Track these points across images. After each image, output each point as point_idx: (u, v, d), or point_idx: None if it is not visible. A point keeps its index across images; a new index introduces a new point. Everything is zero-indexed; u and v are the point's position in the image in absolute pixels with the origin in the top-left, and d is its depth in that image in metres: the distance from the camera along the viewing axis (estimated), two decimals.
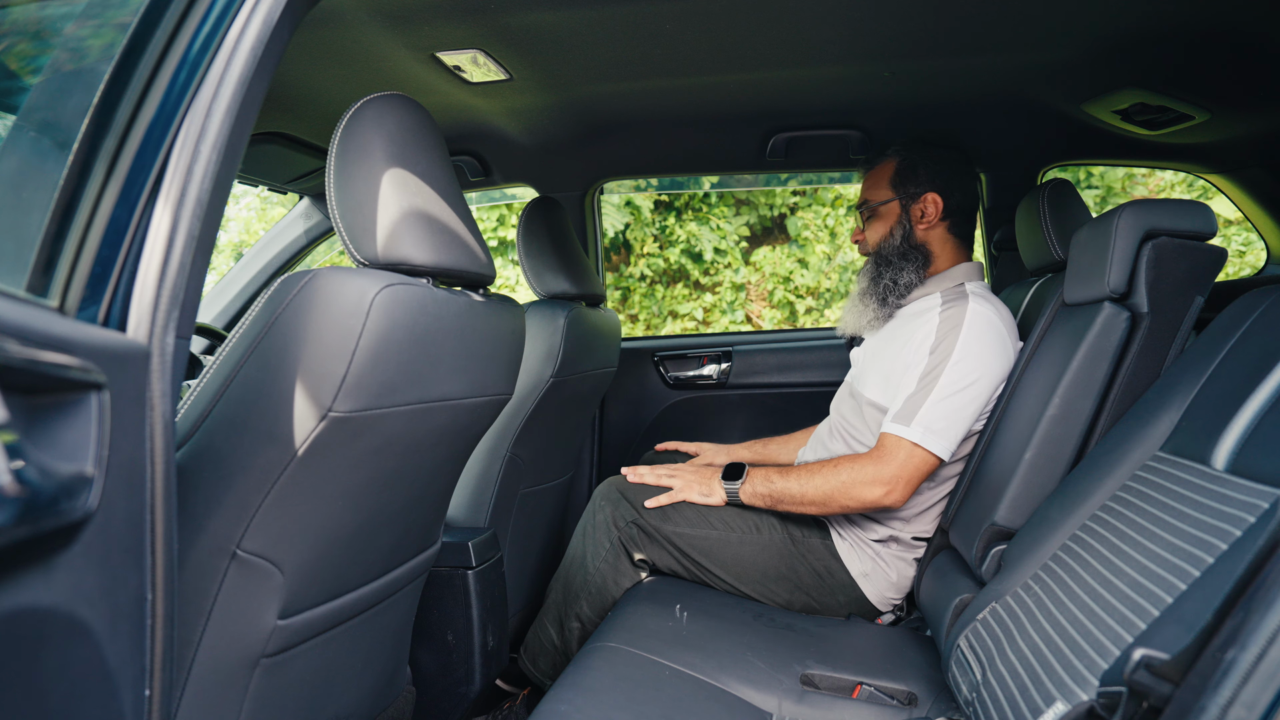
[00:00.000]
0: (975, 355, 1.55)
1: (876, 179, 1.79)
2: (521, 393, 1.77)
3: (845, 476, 1.57)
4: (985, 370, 1.55)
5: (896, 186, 1.75)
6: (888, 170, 1.77)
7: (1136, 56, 1.65)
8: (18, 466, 0.52)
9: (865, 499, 1.55)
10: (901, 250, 1.74)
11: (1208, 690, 0.56)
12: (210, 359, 0.95)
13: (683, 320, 6.58)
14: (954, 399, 1.53)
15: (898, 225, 1.75)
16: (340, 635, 1.14)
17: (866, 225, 1.81)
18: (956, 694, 1.21)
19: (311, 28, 1.46)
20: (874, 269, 1.77)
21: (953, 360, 1.54)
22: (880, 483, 1.54)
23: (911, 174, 1.75)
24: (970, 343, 1.55)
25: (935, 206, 1.73)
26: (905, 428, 1.54)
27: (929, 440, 1.52)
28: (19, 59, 0.93)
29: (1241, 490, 0.88)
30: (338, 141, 1.03)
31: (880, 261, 1.76)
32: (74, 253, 0.69)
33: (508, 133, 2.14)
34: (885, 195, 1.77)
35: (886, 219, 1.76)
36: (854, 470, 1.56)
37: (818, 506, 1.60)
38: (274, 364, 0.91)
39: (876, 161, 1.80)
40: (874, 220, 1.79)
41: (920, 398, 1.55)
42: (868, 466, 1.55)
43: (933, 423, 1.53)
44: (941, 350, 1.57)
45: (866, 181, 1.82)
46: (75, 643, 0.61)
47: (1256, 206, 2.43)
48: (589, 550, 1.73)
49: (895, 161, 1.76)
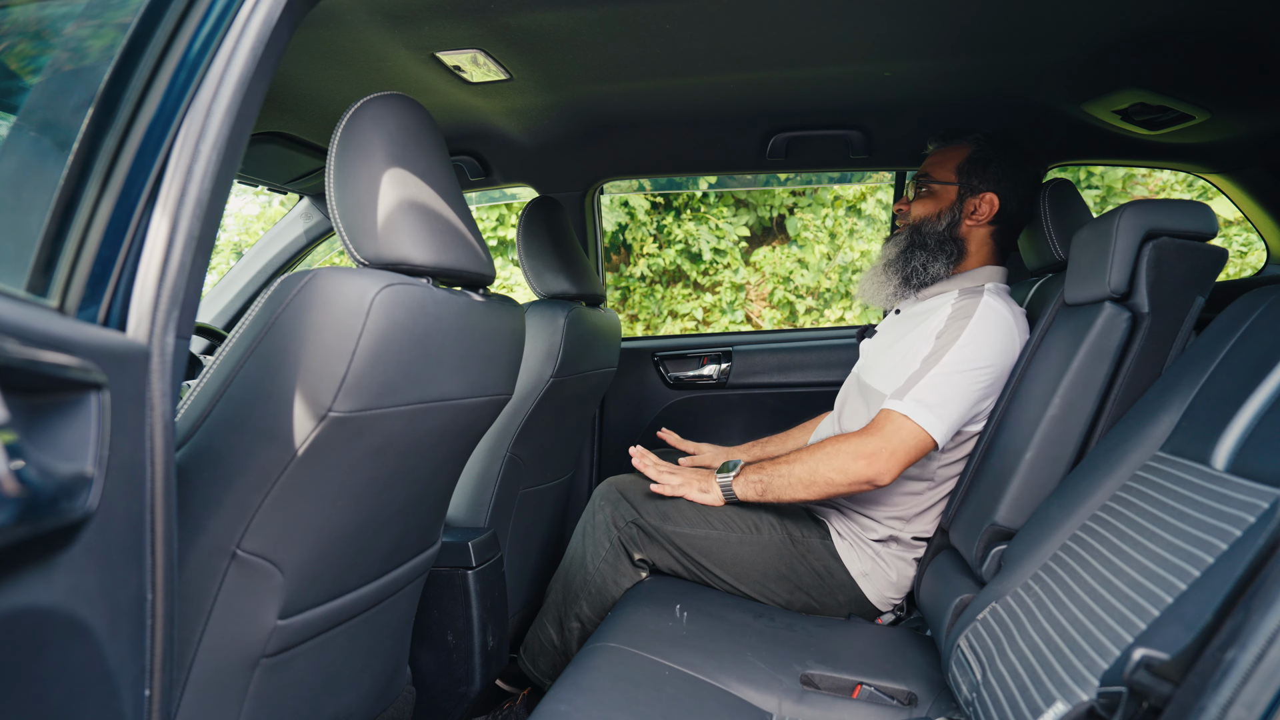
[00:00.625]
0: (980, 343, 1.54)
1: (945, 159, 1.75)
2: (521, 393, 1.77)
3: (829, 450, 1.55)
4: (989, 358, 1.54)
5: (962, 173, 1.72)
6: (959, 155, 1.74)
7: (1136, 56, 1.64)
8: (18, 466, 0.52)
9: (850, 472, 1.51)
10: (941, 237, 1.72)
11: (1208, 690, 0.56)
12: (210, 359, 0.95)
13: (683, 320, 6.58)
14: (952, 379, 1.52)
15: (948, 211, 1.72)
16: (340, 635, 1.14)
17: (917, 197, 1.76)
18: (956, 694, 1.21)
19: (311, 28, 1.46)
20: (907, 244, 1.74)
21: (957, 344, 1.54)
22: (863, 455, 1.51)
23: (981, 167, 1.72)
24: (977, 331, 1.55)
25: (990, 207, 1.71)
26: (898, 401, 1.53)
27: (919, 413, 1.50)
28: (19, 59, 0.93)
29: (1241, 490, 0.88)
30: (338, 141, 1.03)
31: (916, 240, 1.73)
32: (74, 253, 0.69)
33: (508, 133, 2.14)
34: (948, 177, 1.73)
35: (939, 200, 1.73)
36: (839, 445, 1.55)
37: (804, 486, 1.56)
38: (274, 364, 0.91)
39: (952, 141, 1.77)
40: (927, 197, 1.75)
41: (918, 376, 1.54)
42: (853, 439, 1.54)
43: (925, 396, 1.51)
44: (947, 335, 1.57)
45: (934, 157, 1.78)
46: (75, 643, 0.61)
47: (1256, 206, 2.43)
48: (589, 550, 1.73)
49: (969, 149, 1.73)
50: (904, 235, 1.76)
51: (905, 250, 1.73)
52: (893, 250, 1.76)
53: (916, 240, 1.73)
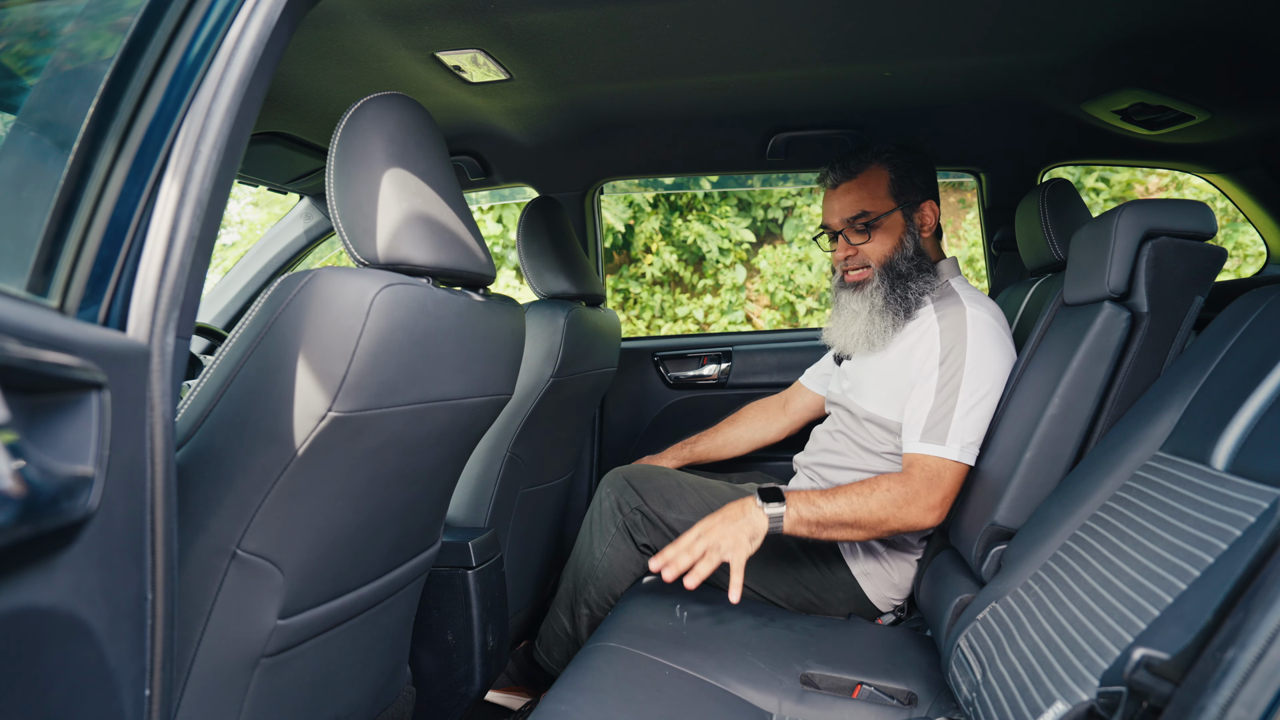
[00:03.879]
0: (986, 362, 1.55)
1: (871, 189, 1.68)
2: (521, 393, 1.77)
3: (894, 499, 1.50)
4: (997, 376, 1.55)
5: (897, 196, 1.68)
6: (882, 179, 1.68)
7: (1136, 56, 1.65)
8: (18, 466, 0.52)
9: (915, 523, 1.51)
10: (915, 261, 1.67)
11: (1208, 690, 0.56)
12: (210, 359, 0.95)
13: (683, 321, 6.58)
14: (976, 410, 1.53)
15: (906, 235, 1.67)
16: (340, 635, 1.14)
17: (868, 239, 1.68)
18: (956, 694, 1.21)
19: (311, 28, 1.46)
20: (887, 285, 1.66)
21: (966, 371, 1.53)
22: (931, 508, 1.50)
23: (909, 182, 1.68)
24: (978, 351, 1.55)
25: (932, 213, 1.70)
26: (942, 447, 1.51)
27: (966, 455, 1.51)
28: (19, 59, 0.93)
29: (1241, 490, 0.88)
30: (338, 141, 1.03)
31: (894, 276, 1.66)
32: (74, 252, 0.69)
33: (508, 133, 2.14)
34: (887, 205, 1.67)
35: (892, 231, 1.67)
36: (902, 493, 1.50)
37: (867, 530, 1.51)
38: (274, 364, 0.91)
39: (859, 170, 1.69)
40: (877, 233, 1.68)
41: (945, 412, 1.53)
42: (918, 491, 1.50)
43: (965, 436, 1.51)
44: (952, 361, 1.55)
45: (854, 193, 1.68)
46: (75, 643, 0.62)
47: (1256, 206, 2.44)
48: (595, 537, 1.75)
49: (888, 170, 1.68)
50: (880, 279, 1.67)
51: (889, 291, 1.66)
52: (876, 298, 1.66)
53: (894, 277, 1.66)
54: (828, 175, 1.74)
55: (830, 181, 1.73)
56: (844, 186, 1.70)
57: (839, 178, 1.71)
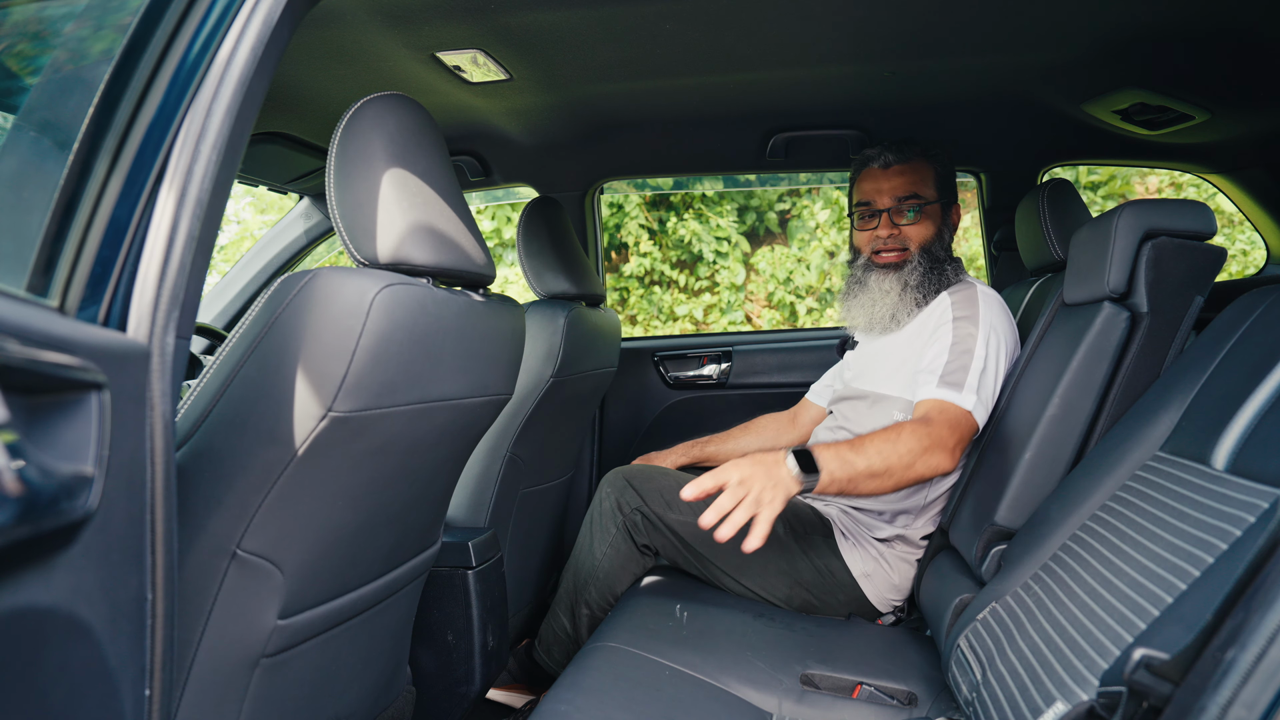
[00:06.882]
0: (998, 330, 1.59)
1: (920, 176, 1.73)
2: (521, 393, 1.77)
3: (920, 442, 1.40)
4: (1007, 346, 1.59)
5: (940, 190, 1.74)
6: (929, 171, 1.74)
7: (1136, 56, 1.65)
8: (18, 466, 0.52)
9: (938, 467, 1.42)
10: (945, 253, 1.74)
11: (1208, 690, 0.56)
12: (210, 359, 0.95)
13: (682, 321, 6.58)
14: (989, 370, 1.54)
15: (944, 228, 1.75)
16: (340, 635, 1.14)
17: (914, 221, 1.72)
18: (956, 694, 1.21)
19: (311, 28, 1.46)
20: (925, 266, 1.71)
21: (980, 331, 1.56)
22: (952, 451, 1.44)
23: (948, 182, 1.76)
24: (990, 318, 1.59)
25: (958, 217, 1.78)
26: (958, 394, 1.50)
27: (979, 411, 1.51)
28: (19, 59, 0.93)
29: (1241, 490, 0.88)
30: (338, 141, 1.03)
31: (933, 261, 1.72)
32: (74, 253, 0.69)
33: (508, 133, 2.14)
34: (933, 195, 1.74)
35: (934, 220, 1.74)
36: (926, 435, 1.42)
37: (895, 478, 1.38)
38: (274, 364, 0.91)
39: (911, 157, 1.73)
40: (923, 218, 1.72)
41: (960, 365, 1.53)
42: (941, 435, 1.43)
43: (981, 390, 1.51)
44: (966, 322, 1.59)
45: (909, 176, 1.72)
46: (75, 642, 0.61)
47: (1256, 206, 2.44)
48: (595, 537, 1.76)
49: (934, 166, 1.74)
50: (919, 259, 1.71)
51: (926, 272, 1.71)
52: (913, 275, 1.71)
53: (933, 261, 1.72)
54: (879, 155, 1.76)
55: (882, 162, 1.75)
56: (897, 168, 1.74)
57: (893, 159, 1.74)
